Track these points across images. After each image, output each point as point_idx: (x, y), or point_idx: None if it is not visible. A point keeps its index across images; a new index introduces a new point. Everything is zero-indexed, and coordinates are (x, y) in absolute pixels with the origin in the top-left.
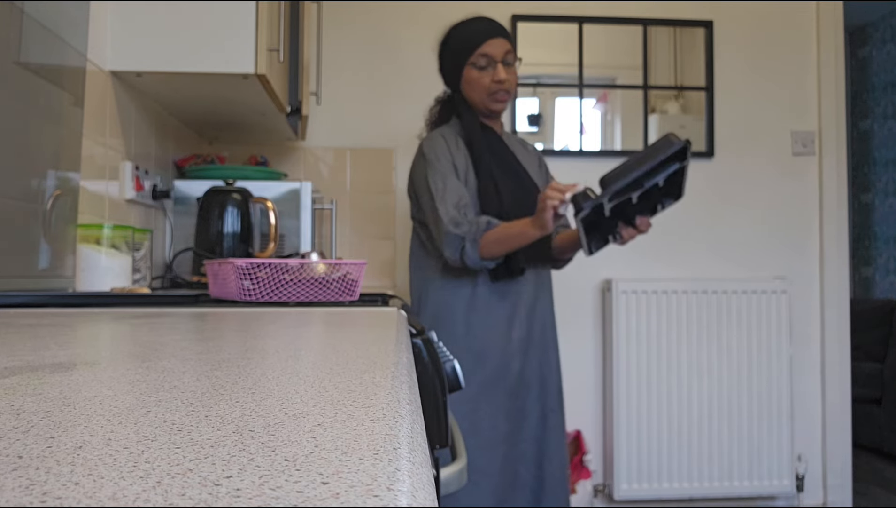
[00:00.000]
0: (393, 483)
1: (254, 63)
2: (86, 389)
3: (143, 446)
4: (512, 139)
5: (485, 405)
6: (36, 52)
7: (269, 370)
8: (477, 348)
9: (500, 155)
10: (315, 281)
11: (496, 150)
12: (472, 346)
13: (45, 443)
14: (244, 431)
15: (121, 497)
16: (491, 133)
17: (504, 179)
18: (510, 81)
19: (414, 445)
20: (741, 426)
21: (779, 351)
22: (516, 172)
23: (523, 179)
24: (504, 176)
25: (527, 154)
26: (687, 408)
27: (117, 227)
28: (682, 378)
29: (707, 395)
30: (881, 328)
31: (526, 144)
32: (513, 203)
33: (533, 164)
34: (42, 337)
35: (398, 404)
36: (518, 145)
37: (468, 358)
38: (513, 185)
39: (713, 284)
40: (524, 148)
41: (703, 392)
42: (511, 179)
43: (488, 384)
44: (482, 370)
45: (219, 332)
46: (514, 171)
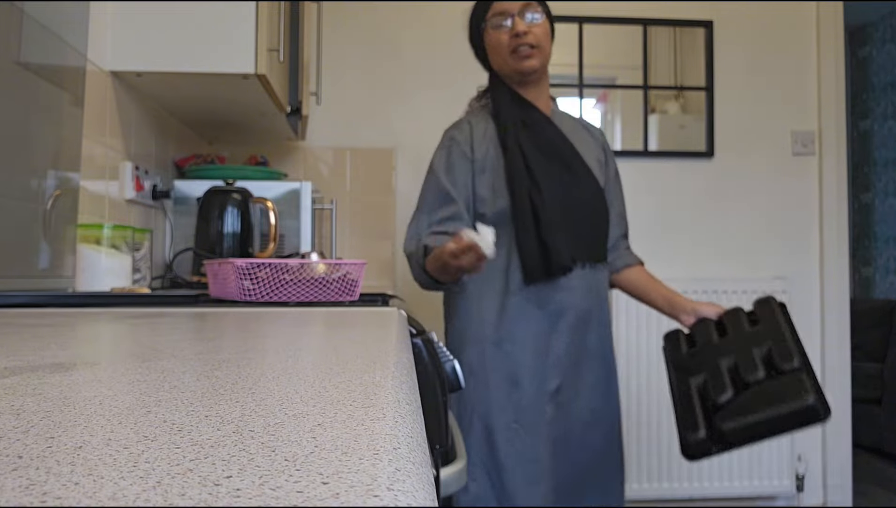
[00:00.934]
0: (393, 483)
1: (254, 63)
2: (86, 389)
3: (143, 446)
4: (564, 118)
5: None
6: (36, 52)
7: (269, 370)
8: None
9: (539, 131)
10: (315, 281)
11: (534, 124)
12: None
13: (45, 443)
14: (244, 431)
15: (121, 497)
16: (531, 109)
17: (539, 156)
18: (534, 33)
19: (414, 445)
20: None
21: None
22: (560, 152)
23: (570, 161)
24: (539, 154)
25: (585, 139)
26: None
27: (117, 227)
28: None
29: None
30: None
31: (591, 129)
32: (553, 188)
33: (591, 150)
34: (42, 337)
35: (398, 404)
36: (573, 127)
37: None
38: (553, 166)
39: (713, 284)
40: (585, 131)
41: None
42: (550, 158)
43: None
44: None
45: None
46: (557, 150)
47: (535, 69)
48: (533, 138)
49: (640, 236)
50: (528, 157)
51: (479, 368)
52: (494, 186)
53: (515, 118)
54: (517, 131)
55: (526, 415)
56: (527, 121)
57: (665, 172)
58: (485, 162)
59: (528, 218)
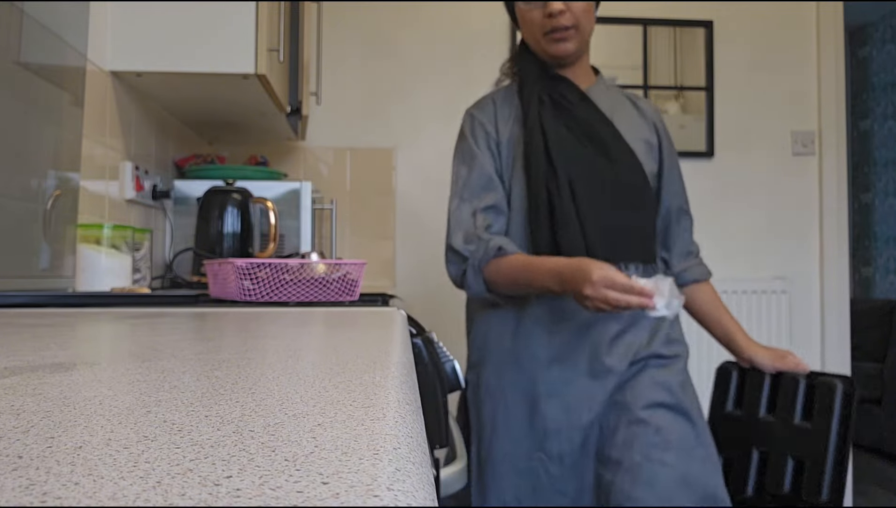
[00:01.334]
0: (393, 483)
1: (254, 63)
2: (86, 389)
3: (143, 446)
4: (607, 93)
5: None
6: (36, 52)
7: (268, 369)
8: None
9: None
10: (315, 281)
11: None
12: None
13: (45, 443)
14: (244, 431)
15: (121, 497)
16: (562, 83)
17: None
18: (572, 12)
19: (414, 445)
20: None
21: None
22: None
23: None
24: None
25: (631, 117)
26: None
27: (117, 227)
28: None
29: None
30: (881, 328)
31: (641, 107)
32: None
33: (638, 131)
34: (42, 337)
35: (398, 404)
36: (618, 103)
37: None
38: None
39: (713, 284)
40: (633, 109)
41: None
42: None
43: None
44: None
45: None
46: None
47: (570, 54)
48: (560, 117)
49: None
50: (551, 138)
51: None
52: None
53: (541, 93)
54: (541, 108)
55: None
56: (554, 97)
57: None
58: (508, 145)
59: (541, 210)
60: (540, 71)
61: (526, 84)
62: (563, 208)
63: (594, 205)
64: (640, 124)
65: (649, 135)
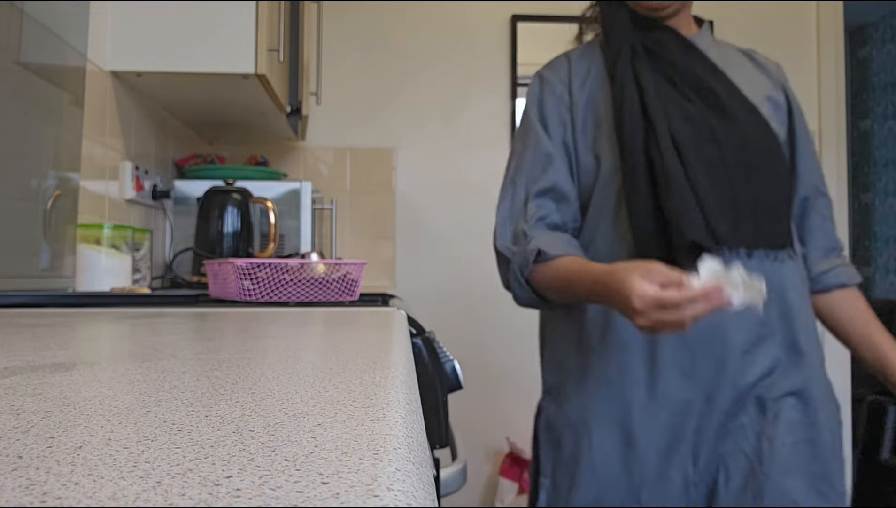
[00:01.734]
0: (393, 483)
1: (254, 63)
2: (86, 389)
3: (143, 446)
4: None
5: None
6: (36, 52)
7: (268, 370)
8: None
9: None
10: (315, 281)
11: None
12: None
13: (45, 443)
14: (244, 431)
15: (121, 497)
16: (660, 30)
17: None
18: None
19: (414, 445)
20: None
21: None
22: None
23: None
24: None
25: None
26: None
27: (117, 227)
28: None
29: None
30: None
31: (762, 64)
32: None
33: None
34: (42, 337)
35: (398, 404)
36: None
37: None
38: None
39: None
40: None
41: None
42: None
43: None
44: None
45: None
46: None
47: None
48: (658, 69)
49: None
50: (647, 92)
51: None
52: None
53: (634, 42)
54: (634, 58)
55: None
56: (649, 46)
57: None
58: (587, 108)
59: (640, 183)
60: (629, 18)
61: (614, 33)
62: (669, 177)
63: (709, 172)
64: (763, 82)
65: (775, 92)
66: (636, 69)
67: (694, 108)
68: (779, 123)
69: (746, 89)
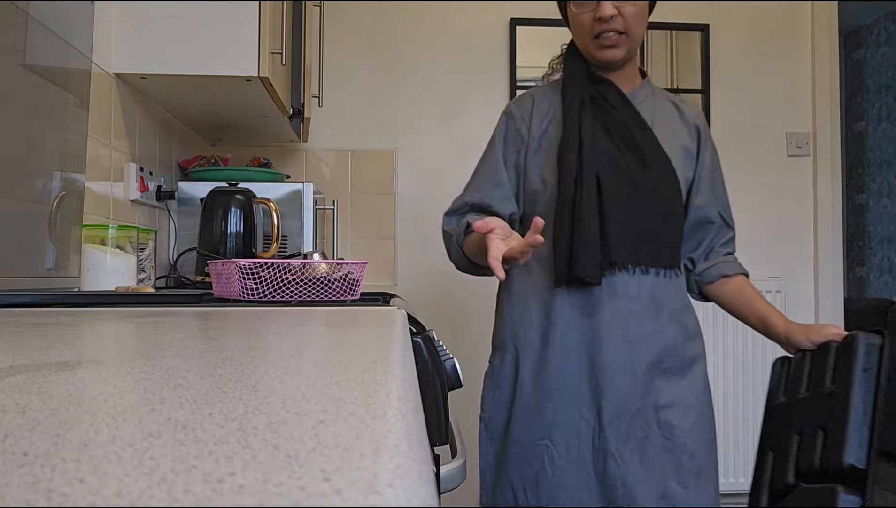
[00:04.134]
0: (394, 480)
1: (256, 66)
2: (91, 387)
3: (148, 443)
4: (651, 98)
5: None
6: (41, 54)
7: (271, 368)
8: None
9: (609, 110)
10: (317, 281)
11: (604, 102)
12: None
13: (51, 440)
14: (247, 428)
15: (125, 494)
16: (605, 86)
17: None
18: (623, 17)
19: (415, 442)
20: (737, 425)
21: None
22: (631, 137)
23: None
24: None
25: (672, 123)
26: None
27: (122, 227)
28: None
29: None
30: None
31: (682, 110)
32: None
33: (677, 138)
34: (48, 336)
35: (399, 401)
36: (661, 109)
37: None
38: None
39: None
40: (674, 113)
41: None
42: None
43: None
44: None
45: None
46: (628, 135)
47: (617, 60)
48: (600, 119)
49: None
50: (586, 137)
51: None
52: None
53: (584, 94)
54: (581, 109)
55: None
56: (596, 98)
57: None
58: (541, 140)
59: (566, 206)
60: (585, 72)
61: (570, 84)
62: (585, 206)
63: (620, 206)
64: (681, 130)
65: (689, 141)
66: (581, 118)
67: (622, 157)
68: (688, 168)
69: (666, 140)
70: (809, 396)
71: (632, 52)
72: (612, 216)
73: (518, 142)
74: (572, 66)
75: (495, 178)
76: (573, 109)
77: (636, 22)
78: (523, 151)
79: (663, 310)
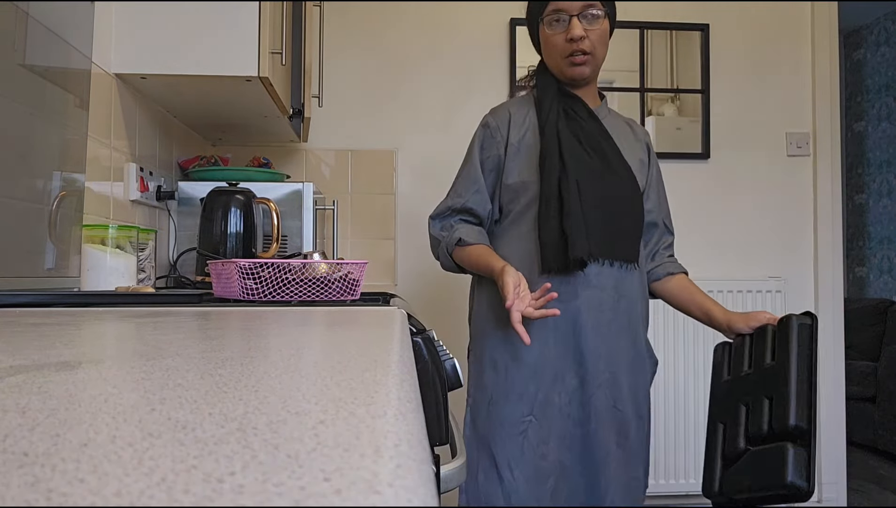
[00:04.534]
0: (394, 480)
1: (256, 66)
2: (91, 387)
3: (148, 443)
4: (610, 115)
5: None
6: (41, 54)
7: (271, 368)
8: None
9: (581, 123)
10: (317, 281)
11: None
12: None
13: (51, 441)
14: (247, 428)
15: (125, 494)
16: (576, 101)
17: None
18: (590, 39)
19: (415, 442)
20: None
21: None
22: (600, 147)
23: (611, 158)
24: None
25: (629, 138)
26: (683, 406)
27: (122, 227)
28: (679, 377)
29: (703, 393)
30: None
31: (636, 130)
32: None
33: (634, 150)
34: (48, 336)
35: (399, 401)
36: (618, 125)
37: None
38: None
39: (709, 283)
40: (629, 131)
41: (700, 390)
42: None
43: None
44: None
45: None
46: (598, 145)
47: (586, 77)
48: (573, 129)
49: None
50: (564, 145)
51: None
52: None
53: (558, 107)
54: (557, 120)
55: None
56: (569, 112)
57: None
58: (520, 145)
59: (552, 204)
60: (556, 88)
61: (545, 98)
62: (571, 203)
63: (596, 206)
64: (635, 145)
65: (642, 154)
66: (559, 129)
67: (592, 162)
68: (643, 177)
69: (625, 152)
70: (753, 372)
71: (596, 71)
72: (589, 213)
73: (495, 148)
74: (544, 83)
75: (475, 184)
76: (551, 119)
77: (600, 44)
78: (502, 156)
79: (623, 300)
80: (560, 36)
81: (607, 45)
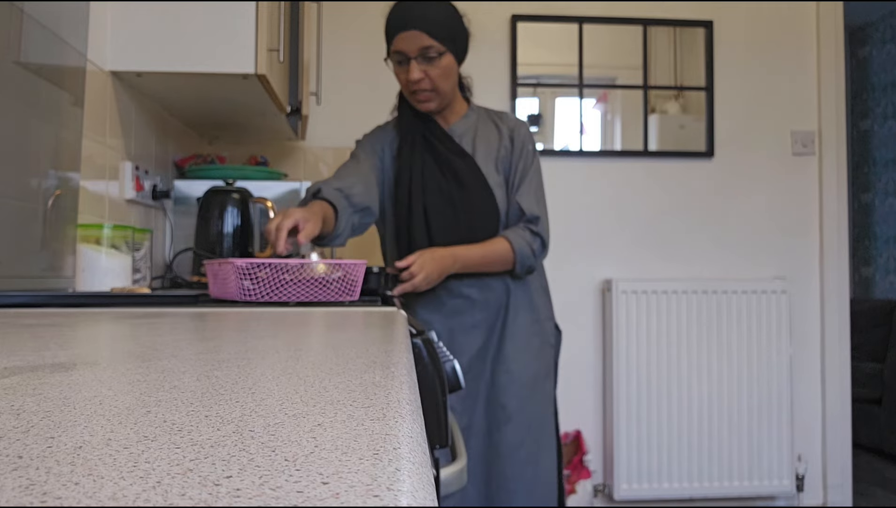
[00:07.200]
0: (393, 483)
1: (254, 63)
2: (86, 389)
3: (143, 446)
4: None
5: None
6: (36, 52)
7: (269, 370)
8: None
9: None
10: (315, 281)
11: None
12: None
13: (46, 443)
14: (244, 431)
15: (121, 497)
16: (431, 124)
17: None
18: (430, 77)
19: (414, 445)
20: (741, 425)
21: (779, 351)
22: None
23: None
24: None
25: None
26: (687, 408)
27: (117, 227)
28: (682, 378)
29: (707, 395)
30: (881, 328)
31: (498, 123)
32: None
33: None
34: (42, 337)
35: (398, 404)
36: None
37: None
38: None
39: (713, 284)
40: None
41: (703, 392)
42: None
43: None
44: None
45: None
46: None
47: (432, 110)
48: (427, 152)
49: (640, 235)
50: (415, 174)
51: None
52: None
53: (413, 134)
54: (412, 147)
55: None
56: (427, 136)
57: (665, 173)
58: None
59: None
60: (412, 114)
61: (401, 124)
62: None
63: (444, 226)
64: (496, 141)
65: (503, 149)
66: (412, 156)
67: (445, 182)
68: (503, 173)
69: (484, 156)
70: None
71: (444, 101)
72: (437, 236)
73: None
74: (403, 109)
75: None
76: (406, 148)
77: (443, 80)
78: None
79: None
80: (403, 75)
81: (454, 77)
